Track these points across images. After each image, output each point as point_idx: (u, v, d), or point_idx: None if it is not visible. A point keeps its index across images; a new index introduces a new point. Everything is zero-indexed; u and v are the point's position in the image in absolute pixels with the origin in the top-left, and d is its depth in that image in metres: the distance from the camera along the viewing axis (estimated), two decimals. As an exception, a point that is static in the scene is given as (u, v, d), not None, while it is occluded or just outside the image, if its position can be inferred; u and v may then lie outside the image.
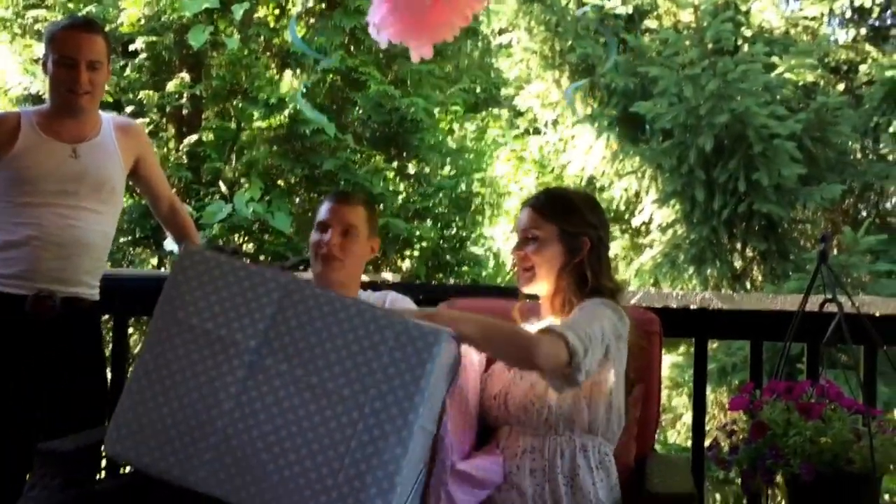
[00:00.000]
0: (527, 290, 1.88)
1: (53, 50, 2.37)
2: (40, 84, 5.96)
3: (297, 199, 6.64)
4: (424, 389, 1.51)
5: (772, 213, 5.40)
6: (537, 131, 7.73)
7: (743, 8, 6.33)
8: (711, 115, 5.34)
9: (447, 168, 7.01)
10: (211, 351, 1.56)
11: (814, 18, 6.44)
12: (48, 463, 1.91)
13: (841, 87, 6.25)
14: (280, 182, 6.47)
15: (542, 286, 1.86)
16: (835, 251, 5.24)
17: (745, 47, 5.96)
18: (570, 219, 1.83)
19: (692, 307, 2.49)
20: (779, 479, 1.93)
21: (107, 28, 5.68)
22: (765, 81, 5.56)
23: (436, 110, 6.84)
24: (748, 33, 6.23)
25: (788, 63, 5.82)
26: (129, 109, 6.17)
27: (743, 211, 5.46)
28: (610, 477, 1.76)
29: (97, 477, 2.36)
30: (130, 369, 1.63)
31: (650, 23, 6.65)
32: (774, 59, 5.85)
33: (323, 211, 2.19)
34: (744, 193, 5.39)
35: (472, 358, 1.82)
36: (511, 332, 1.72)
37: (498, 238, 7.99)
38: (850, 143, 5.79)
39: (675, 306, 2.49)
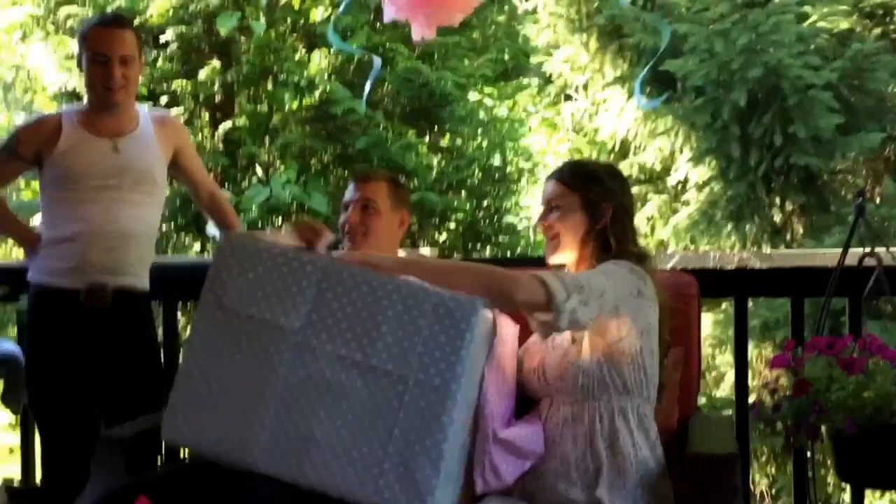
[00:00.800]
0: (553, 259, 1.92)
1: (86, 48, 2.43)
2: (77, 80, 6.06)
3: (332, 179, 6.70)
4: (465, 359, 1.57)
5: (810, 165, 5.32)
6: (568, 97, 7.66)
7: (772, -43, 6.19)
8: (744, 69, 5.26)
9: (479, 139, 7.00)
10: (257, 335, 1.62)
11: (846, -37, 6.27)
12: (110, 449, 1.99)
13: (877, 31, 6.10)
14: (314, 162, 6.53)
15: (567, 255, 1.90)
16: (878, 200, 5.15)
17: (777, -1, 5.84)
18: (591, 187, 1.88)
19: (730, 267, 2.49)
20: (823, 434, 1.95)
21: (137, 20, 5.76)
22: (797, 32, 5.45)
23: (464, 82, 6.83)
24: (779, -17, 6.09)
25: (821, 11, 5.68)
26: (163, 100, 6.26)
27: (780, 165, 5.38)
28: (649, 437, 1.78)
29: (158, 461, 2.45)
30: (181, 357, 1.69)
31: (678, -22, 6.52)
32: (807, 8, 5.72)
33: (347, 192, 2.27)
34: (780, 147, 5.31)
35: (508, 331, 1.86)
36: (488, 271, 1.76)
37: (534, 207, 7.97)
38: (888, 88, 5.66)
39: (712, 267, 2.49)
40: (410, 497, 1.53)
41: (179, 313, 4.33)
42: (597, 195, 1.87)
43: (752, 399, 2.61)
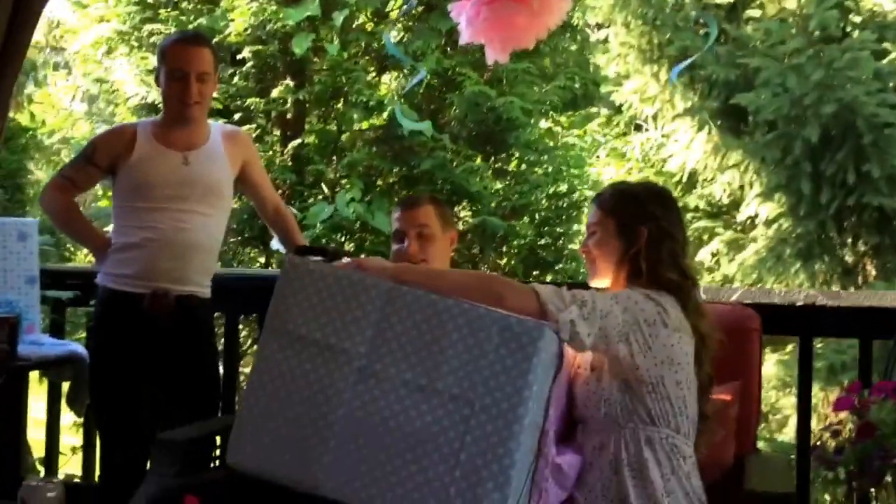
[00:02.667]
0: (593, 284, 1.90)
1: (165, 63, 2.50)
2: (156, 94, 6.27)
3: (396, 199, 6.76)
4: (532, 384, 1.55)
5: (884, 205, 5.17)
6: (638, 128, 7.61)
7: (851, -6, 6.08)
8: (817, 105, 5.16)
9: (545, 166, 6.99)
10: (322, 359, 1.63)
11: (929, 1, 6.11)
12: (166, 451, 2.03)
13: (958, 71, 5.92)
14: (379, 182, 6.60)
15: (603, 280, 1.88)
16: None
17: (855, 34, 5.72)
18: (627, 210, 1.85)
19: (796, 304, 2.42)
20: (888, 479, 1.88)
21: (215, 38, 5.94)
22: (875, 69, 5.33)
23: (531, 108, 6.83)
24: (857, 19, 5.97)
25: (901, 49, 5.55)
26: (237, 116, 6.42)
27: (852, 204, 5.25)
28: (682, 468, 1.71)
29: (211, 465, 2.48)
30: (245, 382, 1.72)
31: (752, 12, 6.45)
32: (886, 45, 5.59)
33: (395, 220, 2.28)
34: (853, 186, 5.18)
35: (569, 350, 1.83)
36: (480, 277, 1.84)
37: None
38: (969, 130, 5.47)
39: (777, 302, 2.43)
40: None
41: (241, 325, 4.41)
42: (632, 218, 1.84)
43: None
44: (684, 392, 1.75)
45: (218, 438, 2.65)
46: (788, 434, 5.58)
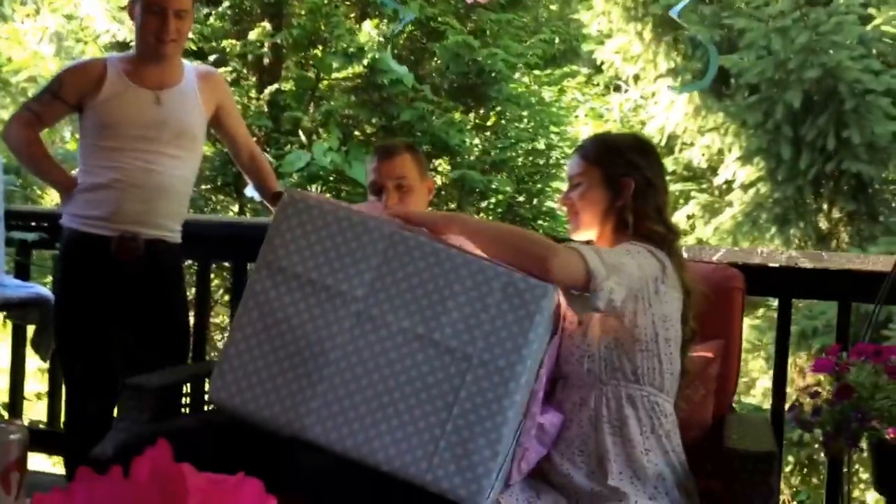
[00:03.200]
0: (576, 236, 1.85)
1: None
2: (127, 31, 6.09)
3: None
4: (533, 342, 1.51)
5: (862, 172, 5.19)
6: (617, 88, 7.55)
7: (839, -44, 6.02)
8: (801, 69, 5.13)
9: (525, 122, 6.93)
10: (317, 300, 1.56)
11: (916, -33, 6.08)
12: (135, 397, 1.98)
13: (943, 40, 5.91)
14: (357, 132, 6.51)
15: (588, 232, 1.83)
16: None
17: (840, -2, 5.68)
18: (612, 161, 1.79)
19: (777, 265, 2.40)
20: (863, 442, 1.88)
21: (190, -23, 5.74)
22: (859, 34, 5.30)
23: (513, 62, 6.74)
24: (843, -17, 5.93)
25: (886, 14, 5.52)
26: (211, 58, 6.26)
27: (831, 170, 5.26)
28: (663, 426, 1.69)
29: (180, 411, 2.44)
30: (233, 317, 1.64)
31: (739, -28, 6.39)
32: (871, 10, 5.56)
33: (371, 171, 2.17)
34: (833, 151, 5.18)
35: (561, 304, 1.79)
36: (526, 236, 1.70)
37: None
38: (950, 98, 5.48)
39: (759, 262, 2.41)
40: (466, 479, 1.48)
41: (213, 274, 4.34)
42: (618, 169, 1.78)
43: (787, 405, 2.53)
44: (672, 349, 1.72)
45: (186, 386, 2.61)
46: (756, 396, 5.65)
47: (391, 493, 1.58)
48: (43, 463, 4.00)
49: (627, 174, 1.77)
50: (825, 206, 5.56)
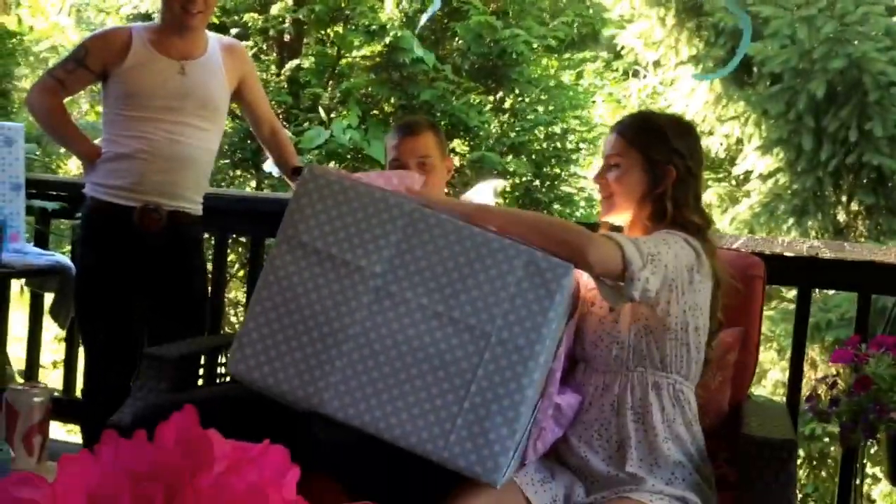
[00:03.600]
0: (607, 218, 1.81)
1: None
2: (150, 3, 6.08)
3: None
4: (552, 321, 1.51)
5: (883, 165, 5.14)
6: (636, 74, 7.50)
7: (868, -54, 5.94)
8: (825, 59, 5.08)
9: (544, 105, 6.88)
10: (336, 275, 1.56)
11: (946, -41, 5.99)
12: (154, 367, 1.99)
13: (970, 33, 5.83)
14: (376, 111, 6.49)
15: (622, 216, 1.78)
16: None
17: (868, -12, 5.61)
18: (655, 145, 1.72)
19: (797, 255, 2.39)
20: (880, 434, 1.87)
21: (214, -49, 5.73)
22: (886, 25, 5.24)
23: (535, 44, 6.69)
24: (872, -27, 5.86)
25: (914, 6, 5.46)
26: (233, 32, 6.25)
27: (852, 162, 5.21)
28: (685, 415, 1.68)
29: (198, 384, 2.45)
30: (253, 290, 1.63)
31: (766, -40, 6.31)
32: (899, 1, 5.50)
33: (392, 148, 2.13)
34: (854, 144, 5.14)
35: (584, 285, 1.78)
36: (562, 225, 1.67)
37: (592, 180, 7.85)
38: (975, 94, 5.42)
39: (779, 252, 2.39)
40: (482, 456, 1.48)
41: (229, 248, 4.35)
42: (661, 155, 1.71)
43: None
44: (700, 338, 1.70)
45: (203, 358, 2.62)
46: (767, 388, 5.64)
47: (408, 469, 1.59)
48: (57, 430, 4.05)
49: (669, 161, 1.71)
50: (844, 199, 5.52)
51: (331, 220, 1.59)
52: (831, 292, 4.72)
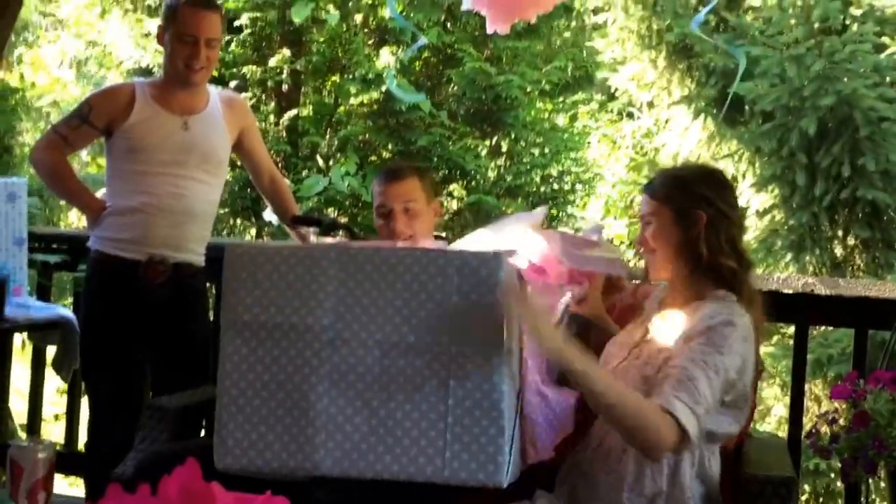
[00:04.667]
0: (654, 277, 1.83)
1: (174, 25, 2.43)
2: (150, 58, 6.18)
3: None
4: (501, 312, 1.54)
5: (877, 199, 5.19)
6: (630, 115, 7.60)
7: (853, -14, 6.07)
8: (816, 96, 5.15)
9: (540, 148, 6.97)
10: (289, 342, 1.58)
11: (930, -3, 6.11)
12: (157, 418, 2.01)
13: (958, 69, 5.92)
14: (374, 157, 6.56)
15: (665, 270, 1.79)
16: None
17: (854, 27, 5.72)
18: (682, 196, 1.76)
19: (794, 292, 2.41)
20: (881, 471, 1.88)
21: (214, 4, 5.85)
22: (874, 62, 5.33)
23: (529, 88, 6.80)
24: (857, 12, 5.96)
25: (901, 43, 5.55)
26: (232, 84, 6.34)
27: (846, 197, 5.26)
28: (711, 467, 1.68)
29: (201, 434, 2.46)
30: (217, 384, 1.64)
31: (753, 1, 6.44)
32: (885, 39, 5.59)
33: (378, 194, 2.17)
34: (848, 179, 5.19)
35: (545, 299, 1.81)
36: (641, 414, 1.57)
37: (588, 221, 7.91)
38: (965, 128, 5.49)
39: (775, 289, 2.42)
40: (481, 462, 1.51)
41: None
42: (688, 203, 1.74)
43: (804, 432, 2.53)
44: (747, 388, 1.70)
45: (206, 408, 2.62)
46: (771, 424, 5.62)
47: None
48: (60, 484, 4.02)
49: (698, 206, 1.74)
50: (840, 234, 5.56)
51: (265, 292, 1.60)
52: (832, 328, 4.73)
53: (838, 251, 5.59)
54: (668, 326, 1.75)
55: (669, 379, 1.59)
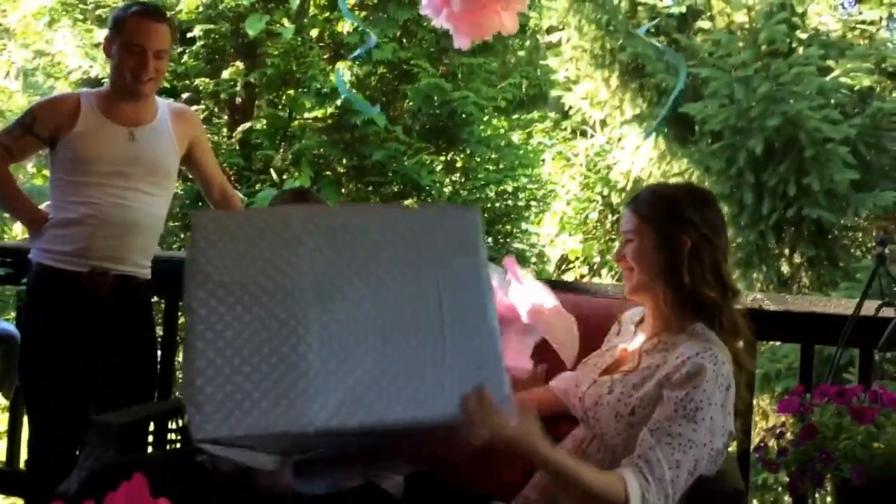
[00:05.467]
0: (630, 296, 1.78)
1: (121, 35, 2.40)
2: (100, 69, 6.08)
3: (345, 189, 6.71)
4: (481, 248, 1.60)
5: (822, 218, 5.31)
6: (584, 133, 7.68)
7: (799, 10, 6.22)
8: (763, 117, 5.26)
9: (494, 164, 7.01)
10: (272, 298, 1.49)
11: (871, 23, 6.31)
12: (102, 434, 1.96)
13: (898, 92, 6.11)
14: (329, 171, 6.53)
15: (642, 292, 1.75)
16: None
17: (800, 50, 5.87)
18: (668, 218, 1.70)
19: (743, 307, 2.44)
20: (828, 483, 1.90)
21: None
22: (819, 85, 5.46)
23: (484, 105, 6.85)
24: (803, 36, 6.12)
25: (844, 67, 5.71)
26: (184, 96, 6.27)
27: (792, 216, 5.37)
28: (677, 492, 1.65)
29: (147, 450, 2.40)
30: (186, 352, 1.50)
31: (703, 23, 6.57)
32: (830, 62, 5.75)
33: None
34: (793, 198, 5.30)
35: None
36: (596, 487, 1.54)
37: (543, 237, 7.96)
38: (905, 150, 5.66)
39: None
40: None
41: (179, 312, 4.30)
42: (673, 228, 1.69)
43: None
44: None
45: (152, 424, 2.57)
46: (720, 439, 5.69)
47: None
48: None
49: (683, 232, 1.68)
50: (787, 251, 5.67)
51: (241, 255, 1.53)
52: (778, 343, 4.81)
53: (785, 268, 5.70)
54: (644, 363, 1.71)
55: (639, 449, 1.57)
